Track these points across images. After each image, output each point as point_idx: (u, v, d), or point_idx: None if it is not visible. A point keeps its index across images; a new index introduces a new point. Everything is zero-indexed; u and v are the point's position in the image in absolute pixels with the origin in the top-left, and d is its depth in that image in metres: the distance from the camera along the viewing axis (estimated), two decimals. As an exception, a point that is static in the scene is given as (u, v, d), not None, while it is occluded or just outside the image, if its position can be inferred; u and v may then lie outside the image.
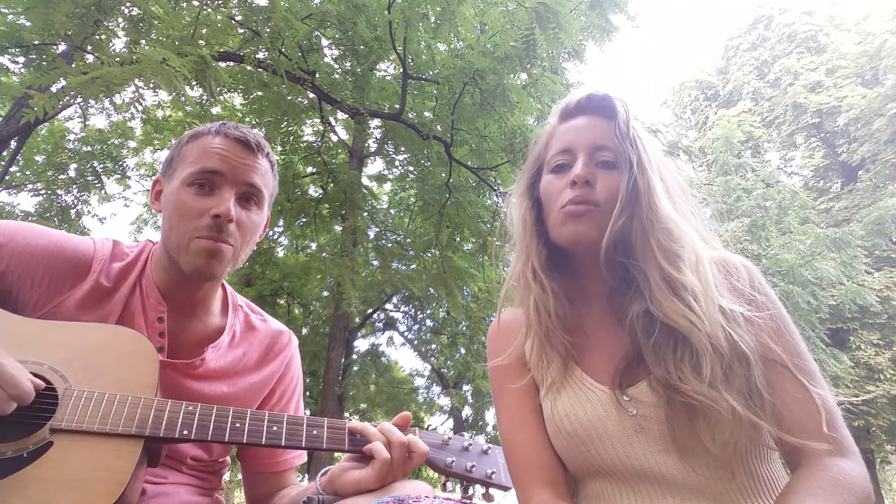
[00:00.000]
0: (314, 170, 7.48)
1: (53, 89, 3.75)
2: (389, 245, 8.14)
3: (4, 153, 5.59)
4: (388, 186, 10.05)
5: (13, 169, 7.24)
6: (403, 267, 7.95)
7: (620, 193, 0.83)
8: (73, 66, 3.83)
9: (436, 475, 0.95)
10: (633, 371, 0.83)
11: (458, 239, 7.19)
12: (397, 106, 5.46)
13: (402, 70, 5.06)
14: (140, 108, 3.59)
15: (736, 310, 0.79)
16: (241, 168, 0.98)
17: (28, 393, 0.74)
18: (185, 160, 0.98)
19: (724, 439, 0.73)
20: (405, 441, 0.87)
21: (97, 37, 3.89)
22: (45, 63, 4.29)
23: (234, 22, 4.60)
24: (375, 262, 8.18)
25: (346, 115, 6.23)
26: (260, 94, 5.55)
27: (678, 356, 0.77)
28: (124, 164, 8.21)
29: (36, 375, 0.79)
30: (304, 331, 10.01)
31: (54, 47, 4.43)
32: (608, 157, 0.87)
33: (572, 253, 0.92)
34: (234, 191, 0.97)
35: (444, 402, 12.93)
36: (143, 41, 4.24)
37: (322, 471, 0.92)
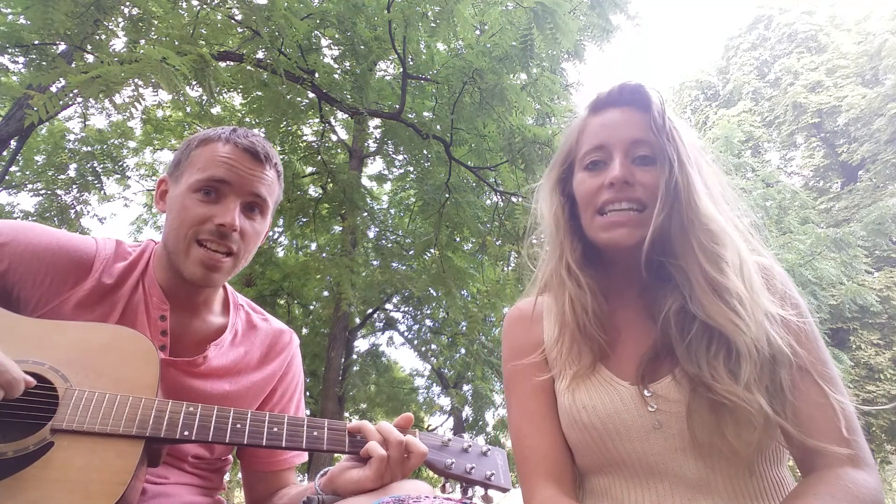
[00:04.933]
0: (314, 170, 7.48)
1: (53, 89, 3.75)
2: (389, 245, 8.14)
3: (4, 153, 5.59)
4: (388, 186, 10.05)
5: (13, 169, 7.25)
6: (403, 267, 7.95)
7: (660, 192, 0.80)
8: (73, 65, 3.83)
9: (435, 476, 0.95)
10: (657, 366, 0.82)
11: (457, 239, 7.19)
12: (397, 106, 5.46)
13: (401, 70, 5.06)
14: (140, 107, 3.59)
15: (778, 312, 0.78)
16: (248, 178, 0.98)
17: (17, 381, 0.73)
18: (192, 165, 0.99)
19: (750, 439, 0.73)
20: (403, 440, 0.87)
21: (97, 36, 3.89)
22: (44, 63, 4.29)
23: (233, 21, 4.60)
24: (375, 262, 8.18)
25: (346, 115, 6.23)
26: (259, 93, 5.55)
27: (712, 354, 0.76)
28: (124, 164, 8.21)
29: (36, 375, 0.79)
30: (304, 331, 10.01)
31: (54, 47, 4.43)
32: (646, 153, 0.85)
33: (607, 252, 0.90)
34: (239, 200, 0.97)
35: (444, 402, 12.93)
36: (142, 41, 4.24)
37: (321, 472, 0.92)
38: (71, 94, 3.36)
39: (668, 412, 0.78)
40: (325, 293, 9.15)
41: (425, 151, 6.06)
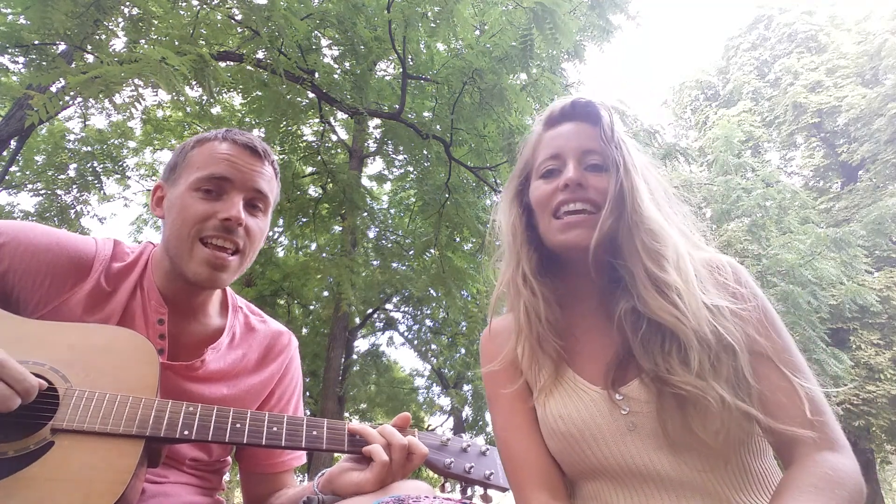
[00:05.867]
0: (314, 170, 7.49)
1: (53, 89, 3.75)
2: (389, 245, 8.14)
3: (4, 153, 5.59)
4: (388, 186, 10.05)
5: (13, 169, 7.25)
6: (403, 267, 7.95)
7: (609, 195, 0.85)
8: (73, 65, 3.83)
9: (435, 476, 0.95)
10: (624, 369, 0.85)
11: (457, 239, 7.19)
12: (397, 106, 5.46)
13: (401, 70, 5.06)
14: (140, 107, 3.59)
15: (720, 304, 0.81)
16: (249, 174, 0.98)
17: (33, 388, 0.74)
18: (190, 165, 0.98)
19: (716, 428, 0.75)
20: (405, 443, 0.87)
21: (97, 36, 3.89)
22: (44, 63, 4.29)
23: (233, 21, 4.60)
24: (375, 262, 8.19)
25: (346, 115, 6.23)
26: (259, 93, 5.56)
27: (665, 349, 0.80)
28: (124, 164, 8.22)
29: (37, 376, 0.79)
30: (304, 331, 10.01)
31: (54, 47, 4.43)
32: (597, 161, 0.90)
33: (564, 256, 0.93)
34: (241, 196, 0.97)
35: (444, 402, 12.96)
36: (142, 41, 4.24)
37: (319, 473, 0.92)
38: (71, 94, 3.36)
39: (641, 413, 0.80)
40: (325, 293, 9.16)
41: (425, 151, 6.06)
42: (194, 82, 3.67)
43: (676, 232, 0.87)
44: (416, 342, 11.59)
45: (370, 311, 10.39)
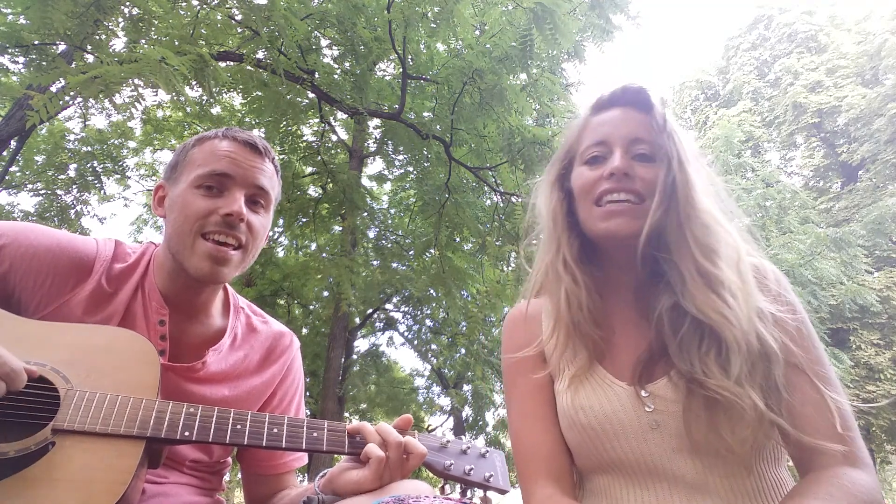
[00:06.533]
0: (314, 170, 7.48)
1: (53, 89, 3.75)
2: (389, 245, 8.14)
3: (4, 153, 5.59)
4: (388, 186, 10.05)
5: (13, 169, 7.25)
6: (403, 267, 7.95)
7: (658, 187, 0.82)
8: (73, 65, 3.83)
9: (435, 478, 0.95)
10: (653, 366, 0.83)
11: (457, 239, 7.19)
12: (397, 106, 5.46)
13: (401, 70, 5.06)
14: (140, 107, 3.58)
15: (770, 310, 0.79)
16: (250, 170, 0.98)
17: (17, 372, 0.72)
18: (191, 163, 0.98)
19: (745, 435, 0.73)
20: (402, 441, 0.87)
21: (97, 36, 3.89)
22: (44, 63, 4.29)
23: (233, 21, 4.60)
24: (375, 262, 8.18)
25: (346, 115, 6.23)
26: (259, 93, 5.55)
27: (703, 350, 0.77)
28: (124, 164, 8.22)
29: (38, 376, 0.79)
30: (304, 331, 10.01)
31: (54, 47, 4.43)
32: (645, 150, 0.86)
33: (603, 245, 0.91)
34: (243, 192, 0.97)
35: (444, 402, 12.95)
36: (142, 40, 4.24)
37: (320, 473, 0.92)
38: (71, 94, 3.36)
39: (666, 412, 0.79)
40: (325, 293, 9.15)
41: (425, 151, 6.06)
42: (194, 82, 3.67)
43: (732, 228, 0.84)
44: (416, 342, 11.58)
45: (370, 311, 10.38)
